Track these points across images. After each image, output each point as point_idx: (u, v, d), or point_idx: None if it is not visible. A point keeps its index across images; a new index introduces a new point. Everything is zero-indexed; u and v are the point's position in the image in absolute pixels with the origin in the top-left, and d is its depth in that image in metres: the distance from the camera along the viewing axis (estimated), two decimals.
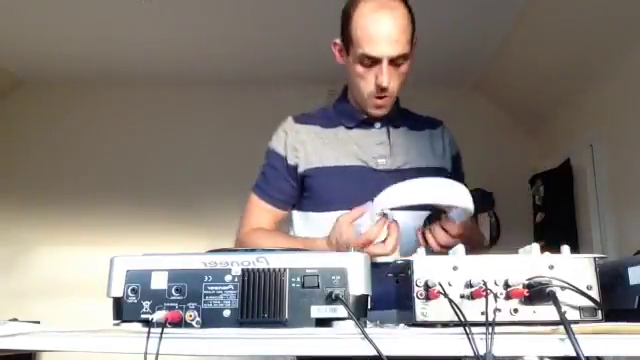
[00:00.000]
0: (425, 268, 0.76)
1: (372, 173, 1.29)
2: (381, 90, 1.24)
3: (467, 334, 0.67)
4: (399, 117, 1.37)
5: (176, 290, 0.76)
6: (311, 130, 1.37)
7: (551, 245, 0.83)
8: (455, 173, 1.38)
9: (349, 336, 0.70)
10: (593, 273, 0.76)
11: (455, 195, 1.07)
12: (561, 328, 0.66)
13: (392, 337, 0.69)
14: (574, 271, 0.76)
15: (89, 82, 3.99)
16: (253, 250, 0.79)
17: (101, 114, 4.04)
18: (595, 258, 0.77)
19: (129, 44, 3.52)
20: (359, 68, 1.25)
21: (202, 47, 3.54)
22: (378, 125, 1.35)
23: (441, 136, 1.42)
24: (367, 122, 1.35)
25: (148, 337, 0.69)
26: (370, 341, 0.67)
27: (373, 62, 1.22)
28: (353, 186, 1.27)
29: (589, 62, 2.99)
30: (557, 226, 3.34)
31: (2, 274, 3.70)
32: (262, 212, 1.38)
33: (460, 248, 0.80)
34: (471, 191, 1.59)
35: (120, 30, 3.34)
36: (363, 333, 0.68)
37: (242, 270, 0.76)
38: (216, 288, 0.76)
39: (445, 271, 0.76)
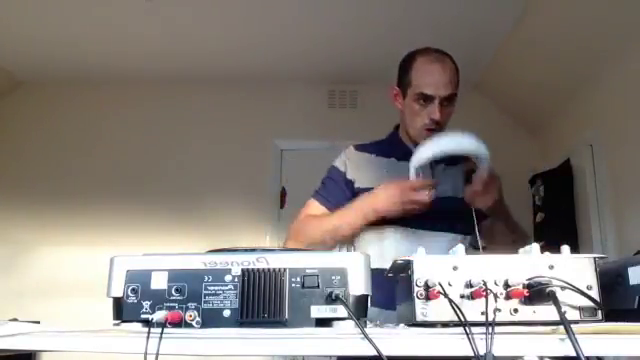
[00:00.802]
0: (425, 268, 0.76)
1: None
2: (433, 123, 1.51)
3: (467, 334, 0.67)
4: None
5: (176, 290, 0.76)
6: (367, 157, 1.63)
7: (551, 245, 0.83)
8: None
9: (349, 336, 0.70)
10: (593, 273, 0.76)
11: (464, 142, 1.39)
12: (561, 328, 0.66)
13: (392, 337, 0.69)
14: (574, 271, 0.76)
15: (88, 82, 3.99)
16: (253, 250, 0.79)
17: (100, 114, 4.04)
18: (595, 258, 0.77)
19: (128, 44, 3.53)
20: (415, 106, 1.53)
21: (202, 47, 3.55)
22: None
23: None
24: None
25: (148, 337, 0.69)
26: (370, 341, 0.67)
27: (427, 101, 1.51)
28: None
29: (589, 62, 2.99)
30: (557, 226, 3.33)
31: (2, 274, 3.70)
32: (317, 211, 1.60)
33: (460, 248, 0.80)
34: None
35: (119, 30, 3.34)
36: (363, 333, 0.68)
37: (242, 270, 0.76)
38: (216, 288, 0.76)
39: (445, 271, 0.76)
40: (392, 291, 0.95)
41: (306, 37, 3.35)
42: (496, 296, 0.75)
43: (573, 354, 0.63)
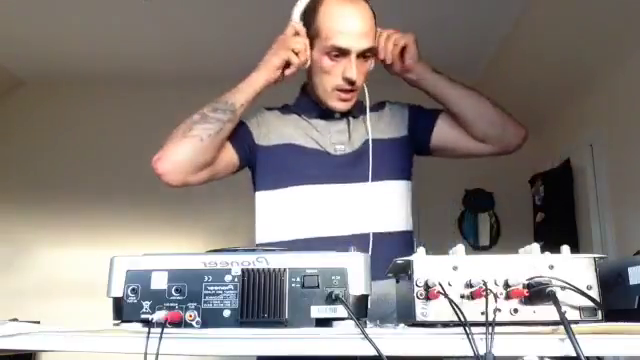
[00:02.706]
0: (425, 268, 0.76)
1: (329, 157, 1.31)
2: (349, 83, 1.25)
3: (467, 334, 0.67)
4: (356, 108, 1.37)
5: (176, 290, 0.76)
6: (274, 114, 1.40)
7: (551, 245, 0.83)
8: (416, 118, 1.39)
9: (349, 336, 0.70)
10: (593, 273, 0.76)
11: None
12: (561, 328, 0.66)
13: (392, 337, 0.69)
14: (574, 271, 0.76)
15: (89, 81, 3.99)
16: (253, 250, 0.79)
17: (101, 113, 4.04)
18: (595, 258, 0.77)
19: (129, 44, 3.53)
20: (326, 62, 1.25)
21: (202, 46, 3.55)
22: (338, 115, 1.35)
23: (389, 109, 1.42)
24: (327, 113, 1.35)
25: (148, 337, 0.69)
26: (370, 341, 0.67)
27: (341, 55, 1.23)
28: (310, 166, 1.29)
29: (589, 62, 2.99)
30: (557, 226, 3.34)
31: (2, 274, 3.70)
32: None
33: (460, 248, 0.80)
34: (471, 191, 1.61)
35: (120, 29, 3.34)
36: (363, 333, 0.68)
37: (242, 270, 0.76)
38: (216, 288, 0.76)
39: (445, 271, 0.76)
40: None
41: None
42: (496, 296, 0.74)
43: (573, 354, 0.63)
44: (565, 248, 0.79)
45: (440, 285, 0.74)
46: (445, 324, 0.74)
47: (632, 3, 2.44)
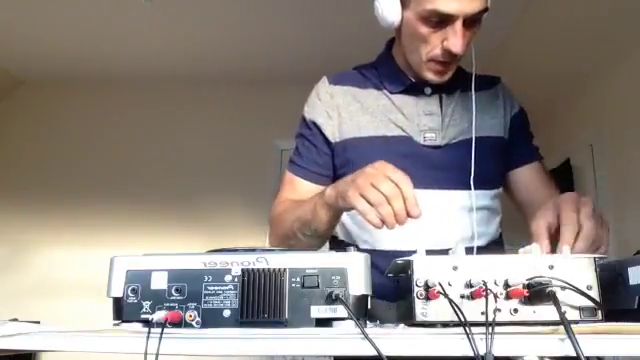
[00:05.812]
0: (425, 268, 0.76)
1: (417, 148, 1.09)
2: (450, 56, 1.03)
3: (467, 334, 0.67)
4: (453, 80, 1.13)
5: (176, 290, 0.76)
6: (348, 92, 1.16)
7: (551, 245, 0.83)
8: (517, 134, 1.19)
9: (349, 336, 0.70)
10: (593, 273, 0.76)
11: None
12: (561, 328, 0.66)
13: (392, 337, 0.69)
14: (574, 271, 0.76)
15: (88, 82, 3.99)
16: (253, 250, 0.79)
17: (100, 114, 4.04)
18: (595, 258, 0.77)
19: (129, 44, 3.53)
20: (422, 28, 1.02)
21: (202, 47, 3.55)
22: (429, 91, 1.13)
23: (500, 95, 1.22)
24: (415, 87, 1.13)
25: (148, 337, 0.69)
26: (370, 341, 0.67)
27: (443, 21, 0.99)
28: (396, 161, 0.99)
29: (589, 62, 2.99)
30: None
31: (2, 274, 3.70)
32: (296, 188, 1.17)
33: (460, 248, 0.80)
34: None
35: (120, 30, 3.34)
36: (363, 333, 0.68)
37: (242, 270, 0.76)
38: (216, 288, 0.76)
39: (445, 271, 0.76)
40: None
41: (306, 38, 3.35)
42: (496, 296, 0.74)
43: (573, 354, 0.63)
44: (565, 248, 0.79)
45: (440, 285, 0.74)
46: (445, 324, 0.74)
47: (632, 4, 2.44)
